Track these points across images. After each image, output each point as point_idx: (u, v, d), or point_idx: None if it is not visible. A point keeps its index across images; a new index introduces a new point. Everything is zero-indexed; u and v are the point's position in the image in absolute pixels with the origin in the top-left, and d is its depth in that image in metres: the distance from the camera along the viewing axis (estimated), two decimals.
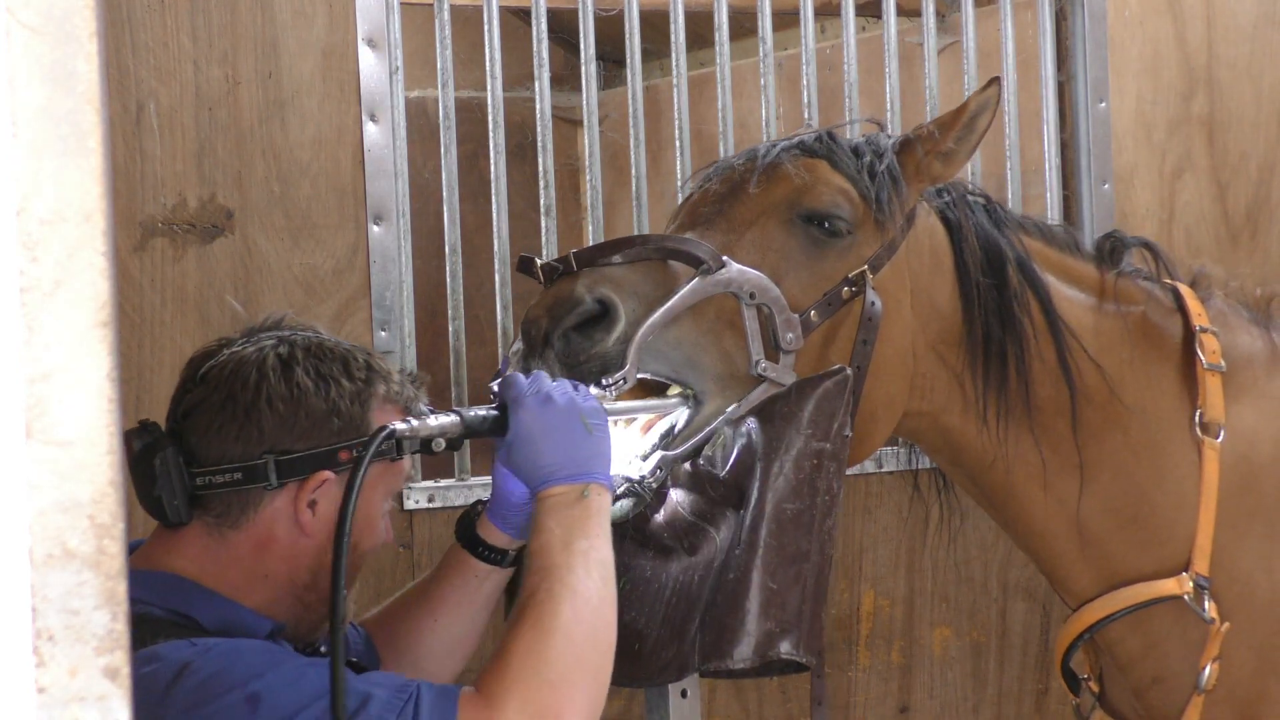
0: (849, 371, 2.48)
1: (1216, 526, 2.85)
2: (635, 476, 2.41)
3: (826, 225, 2.59)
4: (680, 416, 2.45)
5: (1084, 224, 4.09)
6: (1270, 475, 2.91)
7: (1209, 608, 2.83)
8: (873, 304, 2.57)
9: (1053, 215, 4.05)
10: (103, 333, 1.17)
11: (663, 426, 2.46)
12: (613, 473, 2.40)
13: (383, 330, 3.48)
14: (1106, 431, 2.85)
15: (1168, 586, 2.84)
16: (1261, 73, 4.30)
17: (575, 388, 2.29)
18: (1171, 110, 4.20)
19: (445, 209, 3.55)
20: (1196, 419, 2.87)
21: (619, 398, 2.40)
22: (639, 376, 2.40)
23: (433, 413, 2.30)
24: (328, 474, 2.22)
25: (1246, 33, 4.29)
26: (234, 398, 2.22)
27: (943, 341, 2.73)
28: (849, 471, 3.32)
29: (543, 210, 3.63)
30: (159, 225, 3.30)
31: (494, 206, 3.58)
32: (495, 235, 3.58)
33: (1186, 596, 2.83)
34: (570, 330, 2.36)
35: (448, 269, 3.57)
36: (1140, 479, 2.86)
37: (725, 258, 2.45)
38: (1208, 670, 2.83)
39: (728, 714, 3.81)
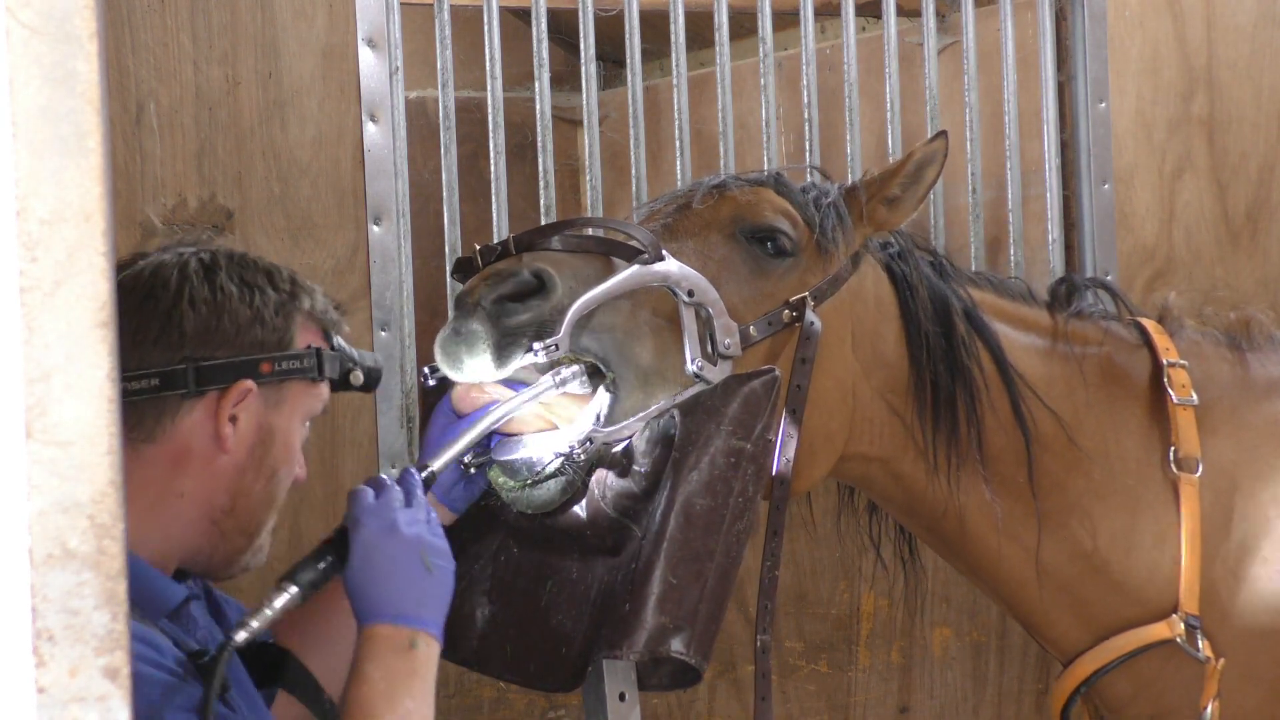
0: (778, 373, 2.44)
1: (1203, 563, 2.80)
2: (565, 450, 2.36)
3: (769, 244, 2.60)
4: (603, 403, 2.41)
5: (1084, 224, 4.09)
6: (1258, 506, 2.86)
7: (1203, 646, 2.78)
8: (812, 324, 2.55)
9: (1053, 215, 4.05)
10: (103, 333, 1.17)
11: (590, 413, 2.43)
12: (544, 451, 2.35)
13: (383, 330, 3.48)
14: (1069, 477, 2.81)
15: (1159, 631, 2.80)
16: (1261, 73, 4.30)
17: (428, 518, 2.20)
18: (1171, 110, 4.20)
19: (445, 209, 3.55)
20: (1171, 456, 2.83)
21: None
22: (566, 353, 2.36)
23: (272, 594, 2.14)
24: (249, 384, 2.12)
25: (1246, 33, 4.29)
26: (154, 297, 2.10)
27: (890, 390, 2.71)
28: None
29: (543, 210, 3.63)
30: (159, 225, 3.30)
31: (494, 206, 3.58)
32: (495, 235, 3.58)
33: (1179, 639, 2.79)
34: (504, 296, 2.34)
35: (448, 269, 3.57)
36: (1109, 522, 2.82)
37: (665, 252, 2.45)
38: (1209, 709, 2.79)
39: (727, 714, 3.81)
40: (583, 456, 2.37)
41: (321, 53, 3.43)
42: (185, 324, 2.10)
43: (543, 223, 3.62)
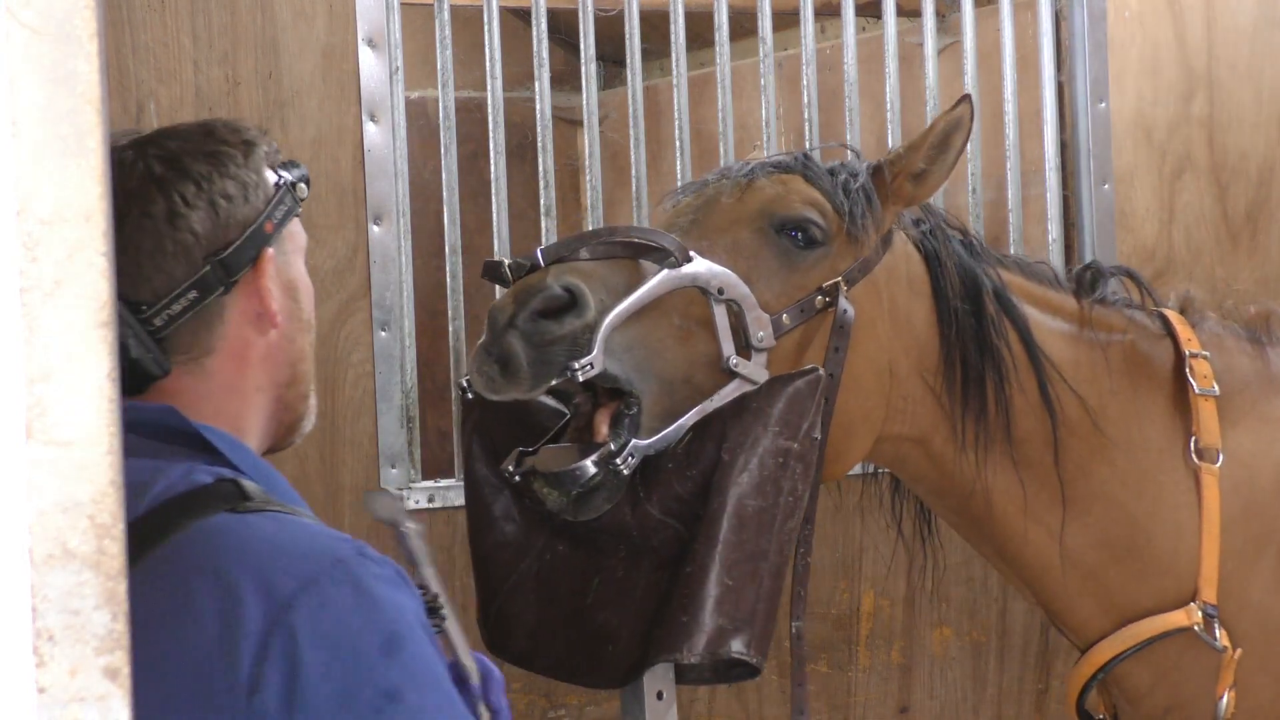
0: (821, 372, 2.45)
1: (1222, 554, 2.80)
2: (608, 463, 2.35)
3: (799, 235, 2.59)
4: (637, 416, 2.40)
5: (1084, 224, 4.09)
6: (1276, 500, 2.87)
7: (1220, 636, 2.79)
8: (845, 312, 2.55)
9: (1052, 215, 4.05)
10: (103, 333, 1.17)
11: (628, 425, 2.42)
12: (588, 464, 2.35)
13: (383, 330, 3.48)
14: (1094, 463, 2.81)
15: (1177, 619, 2.81)
16: (1261, 73, 4.30)
17: None
18: (1171, 110, 4.20)
19: (445, 209, 3.55)
20: (1192, 446, 2.84)
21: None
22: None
23: None
24: (270, 251, 2.04)
25: (1246, 33, 4.29)
26: (148, 214, 1.99)
27: (924, 367, 2.72)
28: (850, 473, 3.32)
29: (543, 210, 3.63)
30: None
31: (494, 206, 3.58)
32: (495, 235, 3.58)
33: (1197, 627, 2.79)
34: (537, 313, 2.33)
35: (448, 269, 3.57)
36: (1133, 510, 2.83)
37: (692, 253, 2.45)
38: (1225, 699, 2.80)
39: (728, 714, 3.81)
40: (625, 471, 2.37)
41: (321, 53, 3.43)
42: (193, 225, 2.01)
43: (543, 223, 3.63)
